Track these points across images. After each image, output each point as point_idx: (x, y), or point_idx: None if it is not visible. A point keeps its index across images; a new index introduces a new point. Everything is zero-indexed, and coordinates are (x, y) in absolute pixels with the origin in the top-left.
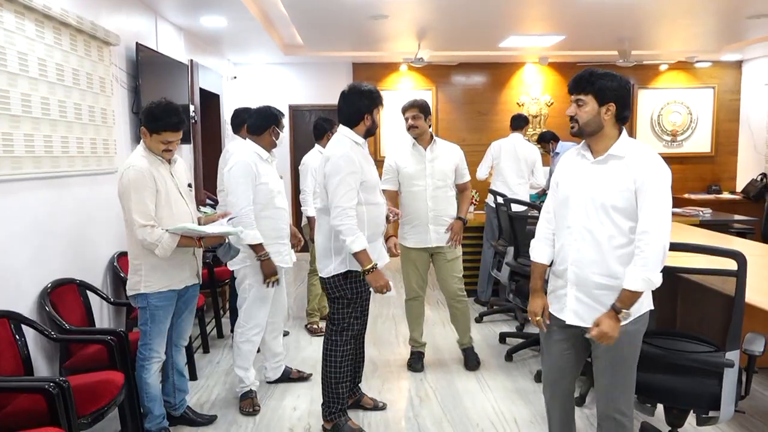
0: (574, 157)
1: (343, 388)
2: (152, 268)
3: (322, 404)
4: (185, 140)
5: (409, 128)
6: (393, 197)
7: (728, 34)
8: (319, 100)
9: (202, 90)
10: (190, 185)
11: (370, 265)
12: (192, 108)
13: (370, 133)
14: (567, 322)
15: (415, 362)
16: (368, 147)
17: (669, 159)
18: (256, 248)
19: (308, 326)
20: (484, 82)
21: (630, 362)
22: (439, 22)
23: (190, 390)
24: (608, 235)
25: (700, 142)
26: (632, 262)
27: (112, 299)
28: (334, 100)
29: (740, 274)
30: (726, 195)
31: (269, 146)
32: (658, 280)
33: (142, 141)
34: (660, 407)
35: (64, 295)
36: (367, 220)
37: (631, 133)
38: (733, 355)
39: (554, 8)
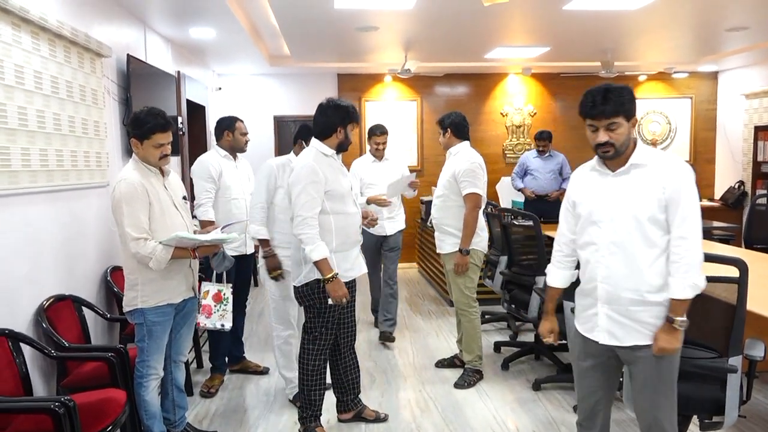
0: (588, 173)
1: (315, 395)
2: (149, 283)
3: (299, 408)
4: (173, 152)
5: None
6: None
7: (705, 46)
8: (303, 111)
9: (188, 101)
10: (185, 197)
11: (330, 275)
12: (180, 119)
13: (342, 147)
14: (600, 342)
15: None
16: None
17: None
18: (263, 243)
19: None
20: (468, 92)
21: (670, 379)
22: (427, 34)
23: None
24: (640, 247)
25: (679, 151)
26: (673, 271)
27: (108, 315)
28: None
29: (742, 281)
30: (705, 202)
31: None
32: (703, 284)
33: (134, 155)
34: None
35: (60, 312)
36: (335, 229)
37: None
38: (735, 361)
39: (540, 21)
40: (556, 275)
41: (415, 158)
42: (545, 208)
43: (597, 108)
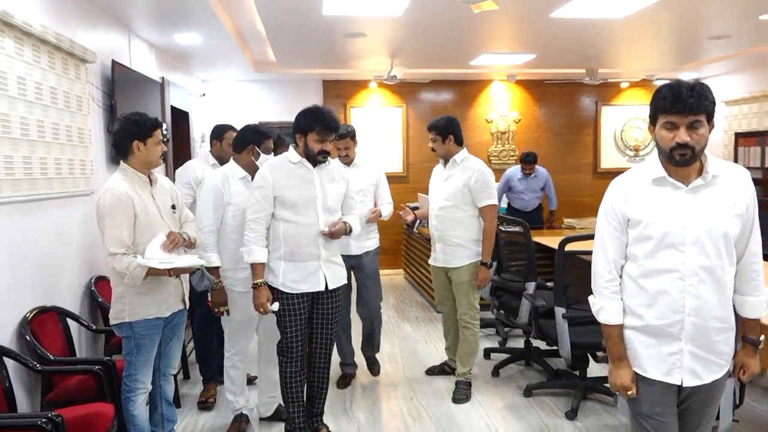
0: (650, 186)
1: (292, 407)
2: (137, 296)
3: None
4: None
5: (433, 150)
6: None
7: (686, 54)
8: (288, 117)
9: (173, 108)
10: (174, 207)
11: (258, 281)
12: (164, 126)
13: (308, 156)
14: (684, 385)
15: (462, 391)
16: None
17: None
18: (211, 271)
19: None
20: (453, 99)
21: (717, 406)
22: (415, 40)
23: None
24: (726, 270)
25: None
26: (751, 289)
27: (94, 327)
28: None
29: None
30: None
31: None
32: None
33: (121, 164)
34: None
35: (44, 324)
36: (282, 236)
37: (595, 149)
38: (730, 366)
39: (527, 28)
40: (615, 309)
41: (401, 164)
42: (526, 216)
43: (683, 102)
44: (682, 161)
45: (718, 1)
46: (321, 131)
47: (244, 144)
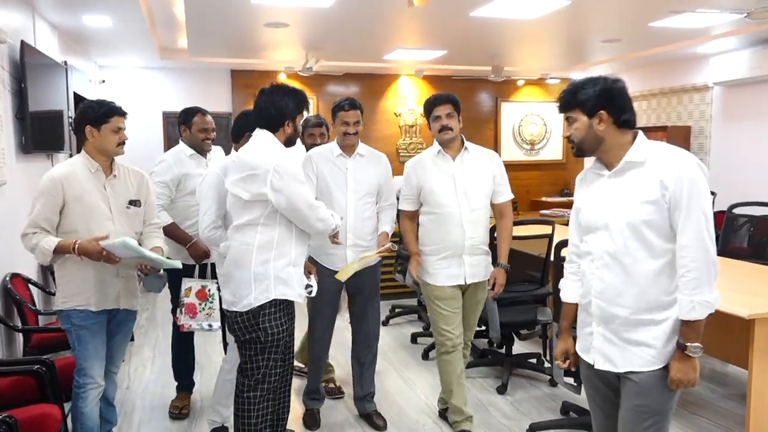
0: (590, 176)
1: None
2: (65, 283)
3: None
4: (58, 147)
5: (441, 129)
6: (412, 219)
7: (578, 55)
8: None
9: (75, 95)
10: (134, 202)
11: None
12: (68, 113)
13: (291, 142)
14: (596, 367)
15: None
16: None
17: (528, 166)
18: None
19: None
20: (363, 92)
21: (659, 415)
22: (335, 33)
23: None
24: (638, 259)
25: (553, 151)
26: (681, 287)
27: (11, 324)
28: (211, 107)
29: None
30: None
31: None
32: (715, 301)
33: (83, 149)
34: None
35: None
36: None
37: (496, 143)
38: None
39: (445, 24)
40: (570, 289)
41: None
42: None
43: (559, 101)
44: (573, 153)
45: (614, 8)
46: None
47: (242, 132)
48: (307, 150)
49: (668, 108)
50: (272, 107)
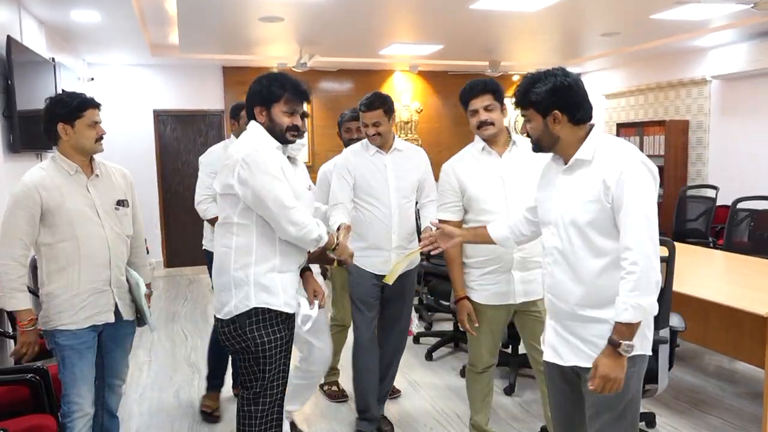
0: (550, 164)
1: None
2: (49, 300)
3: None
4: (47, 146)
5: (480, 125)
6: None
7: (574, 49)
8: (186, 105)
9: (64, 93)
10: (122, 202)
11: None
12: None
13: (277, 135)
14: (543, 359)
15: None
16: None
17: None
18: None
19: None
20: (357, 88)
21: (623, 414)
22: (331, 27)
23: None
24: (582, 257)
25: None
26: (621, 287)
27: (10, 332)
28: (203, 104)
29: (670, 260)
30: None
31: None
32: (652, 306)
33: (54, 151)
34: None
35: None
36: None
37: None
38: (665, 332)
39: (442, 18)
40: (498, 223)
41: (307, 154)
42: None
43: (514, 99)
44: (533, 151)
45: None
46: (290, 99)
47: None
48: (345, 146)
49: (666, 102)
50: (247, 93)
